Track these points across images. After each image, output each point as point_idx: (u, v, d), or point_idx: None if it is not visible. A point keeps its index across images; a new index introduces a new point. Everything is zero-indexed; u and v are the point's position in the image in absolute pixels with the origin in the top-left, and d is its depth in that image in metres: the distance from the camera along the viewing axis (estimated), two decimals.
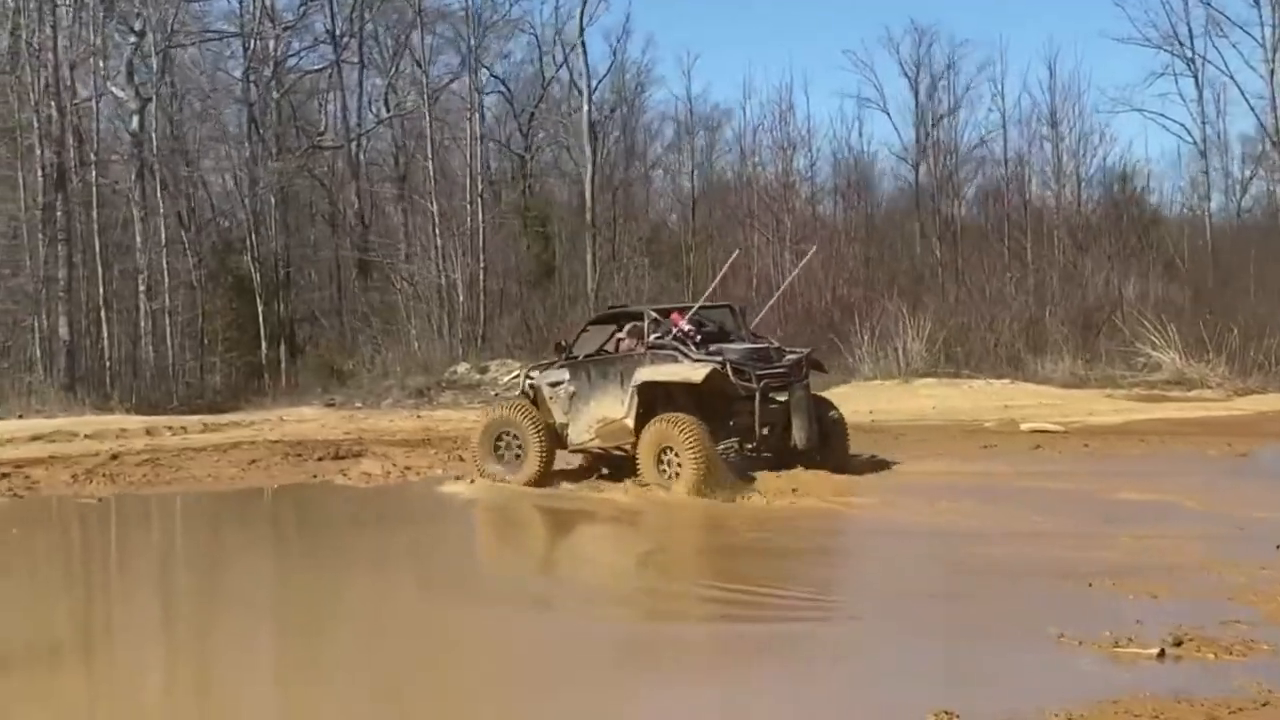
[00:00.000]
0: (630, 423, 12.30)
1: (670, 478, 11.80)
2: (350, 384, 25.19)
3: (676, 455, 11.73)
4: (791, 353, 13.12)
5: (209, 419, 21.19)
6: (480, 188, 29.40)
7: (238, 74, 35.67)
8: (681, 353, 12.14)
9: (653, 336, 12.48)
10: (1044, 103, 33.01)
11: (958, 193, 31.90)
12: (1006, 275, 26.67)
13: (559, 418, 12.99)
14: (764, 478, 12.11)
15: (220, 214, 35.15)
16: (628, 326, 13.11)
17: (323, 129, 35.70)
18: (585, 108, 27.21)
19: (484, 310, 27.02)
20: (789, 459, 12.39)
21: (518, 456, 12.91)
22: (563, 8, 33.95)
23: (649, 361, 12.28)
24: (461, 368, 24.10)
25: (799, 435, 12.45)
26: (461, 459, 14.73)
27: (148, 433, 19.11)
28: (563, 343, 13.78)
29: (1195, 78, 32.18)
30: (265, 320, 33.30)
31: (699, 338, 12.52)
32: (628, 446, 12.48)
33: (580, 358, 13.06)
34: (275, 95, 34.99)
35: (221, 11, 36.33)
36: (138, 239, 31.13)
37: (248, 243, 33.66)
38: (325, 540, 11.80)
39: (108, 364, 29.62)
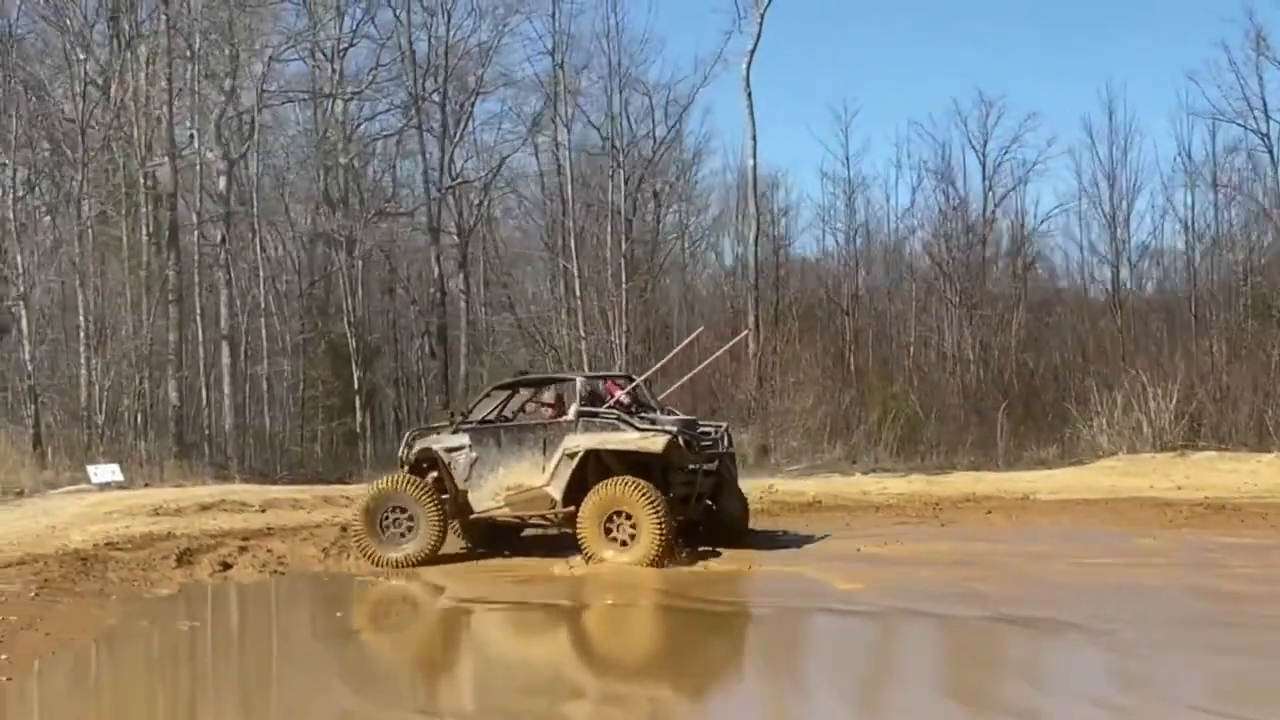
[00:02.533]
0: (554, 491, 12.03)
1: (621, 544, 11.57)
2: None
3: (630, 520, 11.51)
4: (706, 425, 13.41)
5: (337, 489, 19.70)
6: (625, 248, 28.17)
7: (324, 135, 34.69)
8: (625, 422, 11.96)
9: (573, 405, 12.33)
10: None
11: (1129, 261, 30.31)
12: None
13: (458, 485, 12.48)
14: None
15: (316, 279, 33.93)
16: (545, 394, 13.19)
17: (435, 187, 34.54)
18: (752, 161, 25.99)
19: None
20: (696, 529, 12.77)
21: (406, 532, 12.27)
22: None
23: (581, 430, 12.01)
24: None
25: (732, 505, 13.19)
26: None
27: (325, 500, 17.59)
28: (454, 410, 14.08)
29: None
30: (360, 387, 32.21)
31: (634, 408, 12.52)
32: (544, 515, 12.44)
33: (478, 423, 12.70)
34: (350, 159, 34.03)
35: (296, 74, 35.28)
36: (234, 302, 29.88)
37: (344, 307, 32.42)
38: None
39: (207, 431, 28.15)
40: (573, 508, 11.98)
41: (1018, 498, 16.28)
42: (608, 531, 11.69)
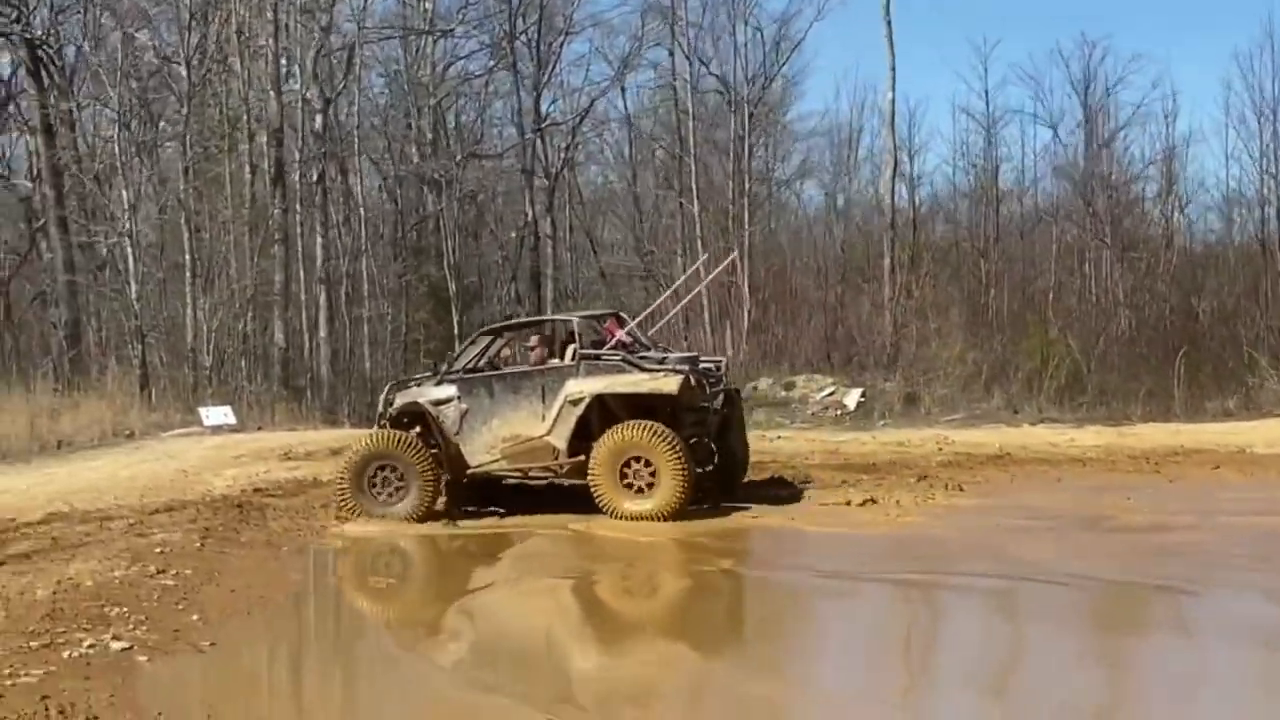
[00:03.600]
0: (556, 441, 11.24)
1: (638, 492, 10.84)
2: None
3: (649, 467, 10.80)
4: (707, 361, 12.63)
5: None
6: (748, 186, 26.70)
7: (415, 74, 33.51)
8: (631, 363, 11.24)
9: (571, 348, 11.48)
10: None
11: None
12: None
13: (448, 439, 11.57)
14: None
15: (419, 220, 32.84)
16: (534, 337, 12.26)
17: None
18: (890, 95, 24.37)
19: (772, 321, 24.29)
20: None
21: (397, 490, 11.39)
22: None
23: (583, 374, 11.25)
24: (763, 383, 21.33)
25: (735, 446, 12.41)
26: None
27: None
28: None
29: None
30: (460, 331, 31.11)
31: (634, 347, 11.87)
32: (546, 467, 11.50)
33: (465, 372, 11.83)
34: (439, 100, 32.87)
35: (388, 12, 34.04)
36: (331, 243, 28.88)
37: (444, 250, 31.31)
38: None
39: (310, 374, 27.23)
40: (581, 457, 11.17)
41: (1232, 451, 14.73)
42: (623, 478, 10.92)
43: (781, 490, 12.75)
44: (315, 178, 28.65)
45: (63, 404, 21.57)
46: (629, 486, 10.90)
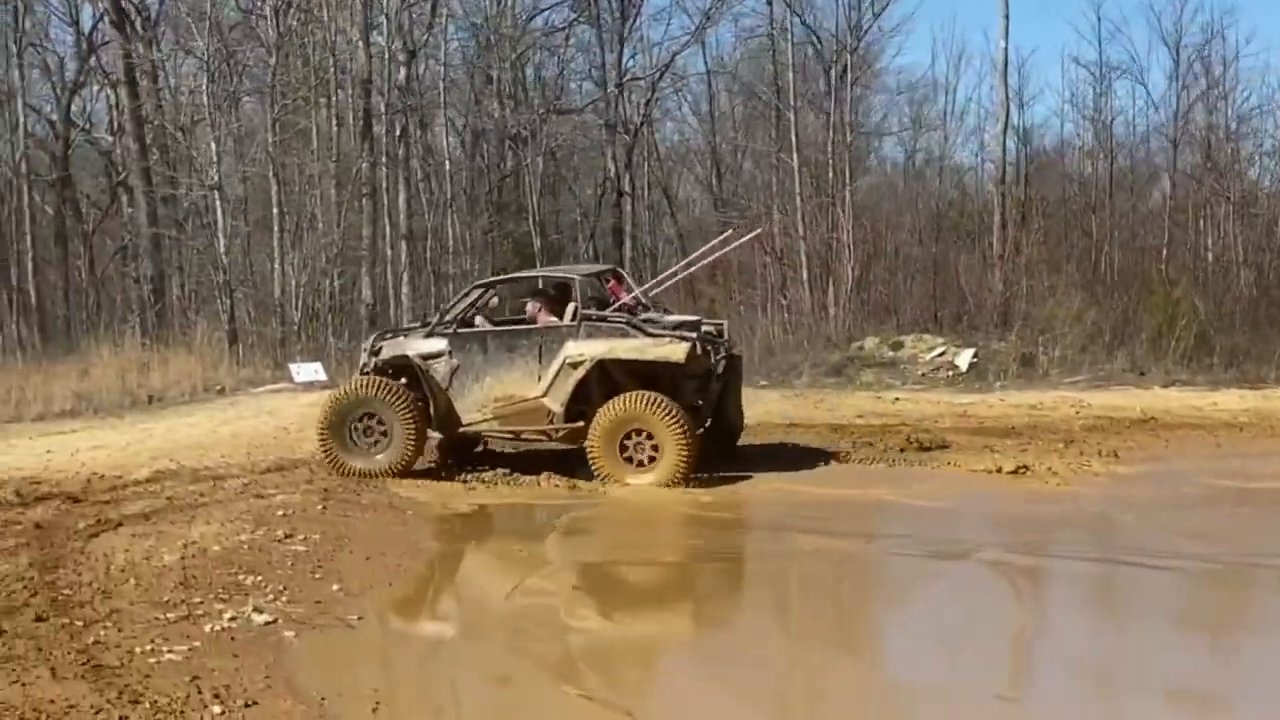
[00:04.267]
0: (552, 404, 10.74)
1: (639, 465, 10.39)
2: None
3: (650, 439, 10.35)
4: (709, 324, 12.15)
5: None
6: (849, 139, 25.65)
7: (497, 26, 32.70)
8: (635, 326, 10.73)
9: (572, 307, 10.96)
10: None
11: None
12: None
13: (437, 395, 11.06)
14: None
15: (505, 175, 32.16)
16: (533, 293, 12.00)
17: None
18: (1003, 43, 23.13)
19: (874, 279, 23.32)
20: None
21: (379, 440, 10.87)
22: None
23: (584, 335, 10.73)
24: (868, 343, 20.42)
25: (731, 414, 11.98)
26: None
27: None
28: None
29: None
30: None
31: (636, 309, 11.28)
32: (541, 429, 11.05)
33: (458, 326, 11.23)
34: (520, 53, 32.05)
35: None
36: (414, 199, 28.27)
37: (529, 206, 30.61)
38: None
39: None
40: (580, 423, 10.64)
41: None
42: (623, 450, 10.42)
43: (924, 457, 11.91)
44: (398, 132, 28.05)
45: (151, 359, 21.30)
46: (629, 459, 10.43)
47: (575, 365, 10.61)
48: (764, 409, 15.61)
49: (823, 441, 12.79)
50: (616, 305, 11.15)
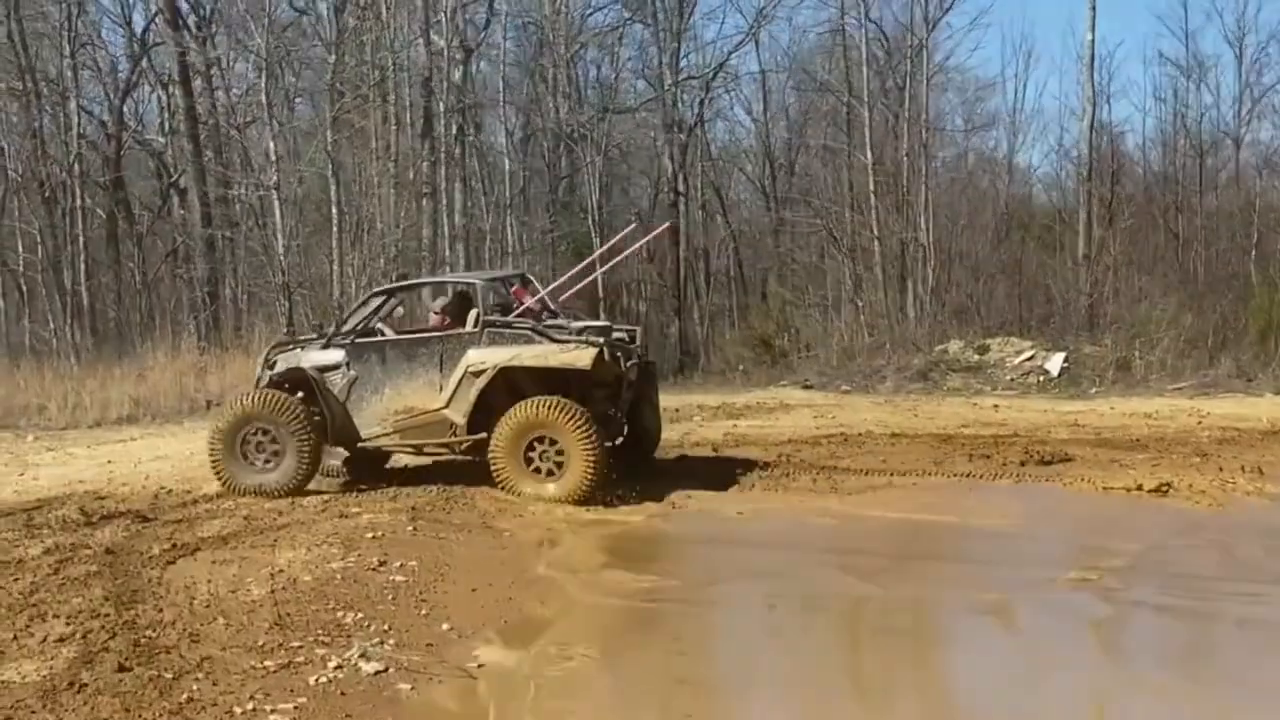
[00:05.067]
0: (455, 415, 10.13)
1: (546, 475, 9.79)
2: (799, 362, 20.83)
3: (555, 447, 9.74)
4: (620, 330, 11.32)
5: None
6: (926, 136, 24.67)
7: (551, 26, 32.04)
8: (540, 333, 10.11)
9: (474, 313, 10.37)
10: None
11: None
12: None
13: (334, 409, 10.40)
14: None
15: (564, 175, 31.47)
16: (438, 302, 11.37)
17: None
18: (1090, 36, 22.00)
19: (951, 278, 22.37)
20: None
21: (270, 460, 10.16)
22: None
23: (486, 342, 10.14)
24: (952, 347, 19.50)
25: (648, 421, 11.47)
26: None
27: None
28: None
29: None
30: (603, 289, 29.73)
31: (542, 315, 10.66)
32: (443, 443, 10.35)
33: (355, 336, 10.59)
34: (573, 53, 31.35)
35: None
36: (469, 199, 27.62)
37: (588, 205, 29.88)
38: None
39: None
40: (482, 434, 9.95)
41: None
42: (528, 461, 9.78)
43: (1048, 472, 11.00)
44: (455, 131, 27.42)
45: (208, 363, 20.74)
46: (535, 470, 9.81)
47: (477, 374, 10.02)
48: (859, 417, 14.80)
49: (935, 455, 11.89)
50: (520, 310, 10.54)
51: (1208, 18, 43.94)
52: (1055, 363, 18.80)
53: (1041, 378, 18.58)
